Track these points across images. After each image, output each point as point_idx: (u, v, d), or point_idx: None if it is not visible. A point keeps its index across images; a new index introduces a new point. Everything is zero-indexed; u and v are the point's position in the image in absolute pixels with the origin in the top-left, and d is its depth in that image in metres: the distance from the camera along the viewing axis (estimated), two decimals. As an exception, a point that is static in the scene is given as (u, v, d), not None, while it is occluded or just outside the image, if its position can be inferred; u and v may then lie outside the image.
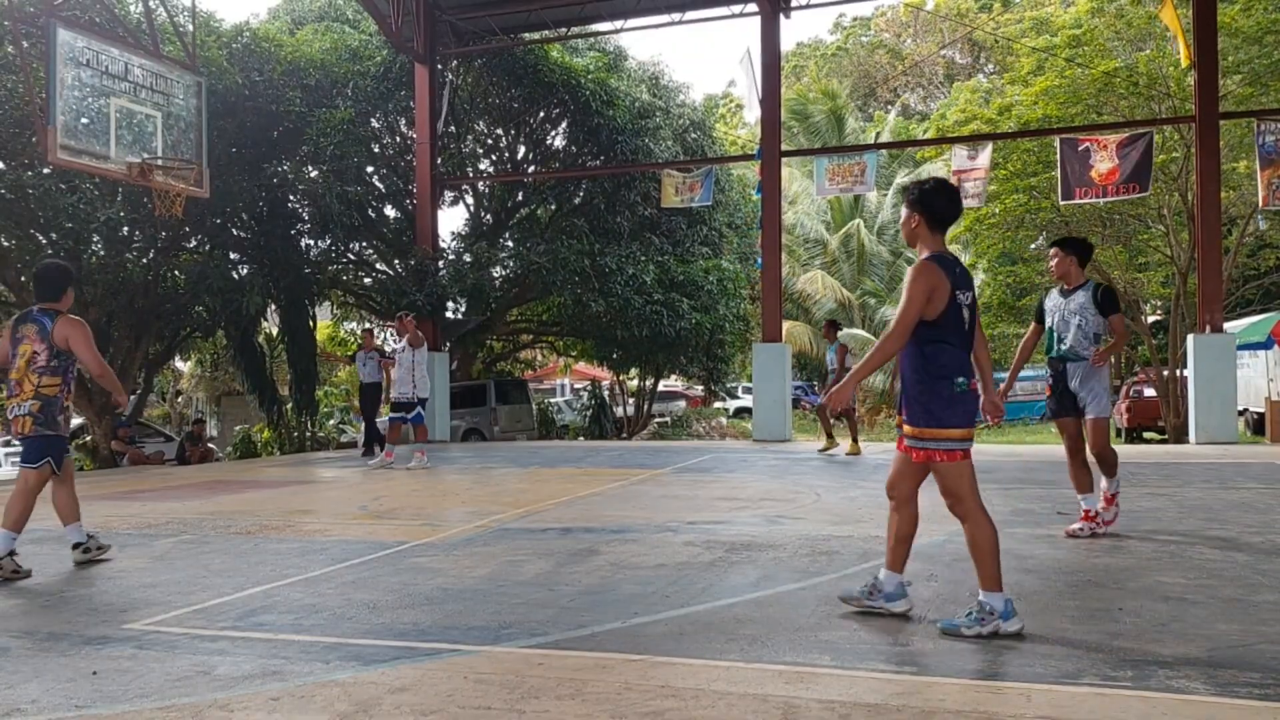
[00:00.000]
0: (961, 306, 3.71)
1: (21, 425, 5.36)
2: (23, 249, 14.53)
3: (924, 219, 3.78)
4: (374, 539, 6.16)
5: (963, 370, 3.71)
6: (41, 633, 4.01)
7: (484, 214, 22.55)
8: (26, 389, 5.35)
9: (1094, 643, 3.56)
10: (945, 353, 3.68)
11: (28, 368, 5.36)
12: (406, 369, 11.28)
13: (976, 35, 40.67)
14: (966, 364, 3.75)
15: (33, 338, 5.39)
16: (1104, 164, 13.41)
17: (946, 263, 3.71)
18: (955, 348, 3.71)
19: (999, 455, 12.06)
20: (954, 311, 3.67)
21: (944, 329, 3.67)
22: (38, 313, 5.46)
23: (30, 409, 5.34)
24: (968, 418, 3.72)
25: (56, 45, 10.38)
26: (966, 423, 3.71)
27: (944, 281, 3.64)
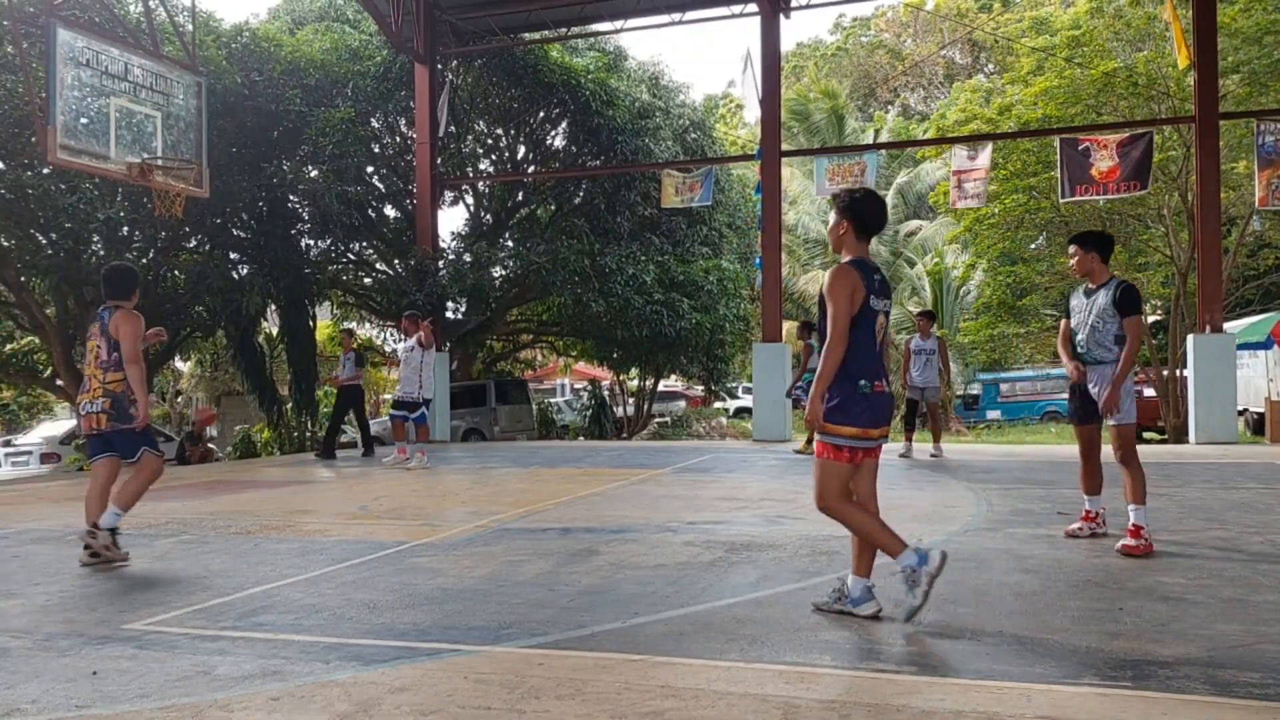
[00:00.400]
0: (876, 312, 3.85)
1: (96, 421, 5.50)
2: (22, 249, 14.54)
3: (852, 226, 3.90)
4: (374, 539, 6.16)
5: (868, 372, 3.83)
6: (41, 632, 4.01)
7: (484, 214, 22.56)
8: (94, 386, 5.52)
9: (1094, 643, 3.56)
10: (853, 353, 3.79)
11: (95, 364, 5.55)
12: (414, 369, 11.34)
13: (976, 35, 40.67)
14: (873, 366, 3.86)
15: (96, 334, 5.59)
16: (1104, 163, 13.42)
17: (865, 268, 3.84)
18: (864, 349, 3.82)
19: (999, 455, 12.07)
20: (867, 315, 3.81)
21: (855, 330, 3.79)
22: (103, 310, 5.65)
23: (102, 406, 5.48)
24: (866, 419, 3.82)
25: (56, 45, 10.38)
26: (864, 424, 3.82)
27: (860, 285, 3.77)
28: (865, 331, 3.81)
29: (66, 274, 14.74)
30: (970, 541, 5.68)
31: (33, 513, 7.94)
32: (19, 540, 6.50)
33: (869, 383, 3.81)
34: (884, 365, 3.97)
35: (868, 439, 3.86)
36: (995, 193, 18.20)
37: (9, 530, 6.95)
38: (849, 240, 3.92)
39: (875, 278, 3.87)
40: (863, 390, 3.80)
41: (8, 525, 7.20)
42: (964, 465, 10.47)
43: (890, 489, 8.36)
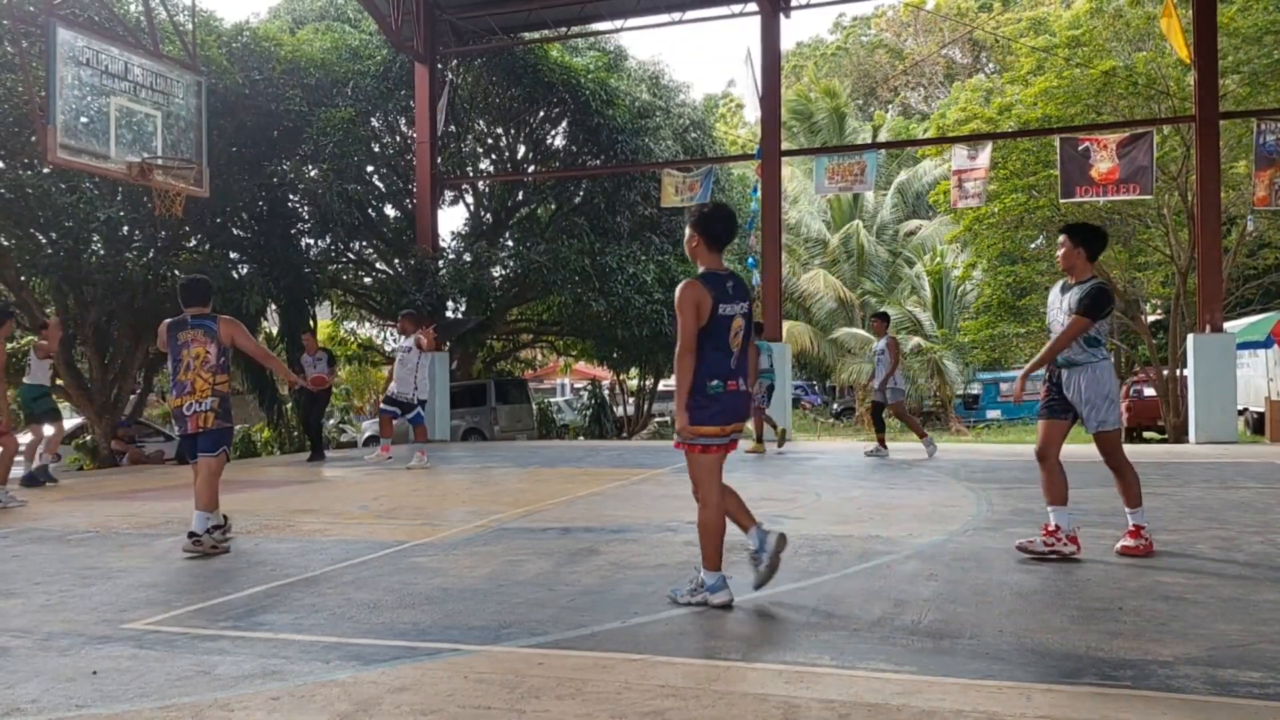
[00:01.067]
0: (727, 317, 4.09)
1: (204, 420, 5.92)
2: (22, 248, 14.53)
3: (702, 240, 4.19)
4: (374, 539, 6.16)
5: (719, 374, 4.09)
6: (41, 632, 4.01)
7: (484, 213, 22.56)
8: (201, 387, 5.92)
9: (1094, 642, 3.57)
10: (706, 356, 4.06)
11: (201, 368, 5.94)
12: (410, 370, 11.31)
13: (977, 35, 40.67)
14: (725, 368, 4.11)
15: (201, 340, 5.97)
16: (1104, 163, 13.42)
17: (713, 279, 4.11)
18: (715, 353, 4.08)
19: (999, 455, 12.06)
20: (716, 321, 4.06)
21: (707, 335, 4.05)
22: (194, 319, 6.03)
23: (211, 405, 5.93)
24: (720, 417, 4.10)
25: (56, 44, 10.38)
26: (719, 422, 4.10)
27: (706, 295, 4.03)
28: (718, 337, 4.08)
29: (66, 274, 14.73)
30: (970, 541, 5.68)
31: (33, 512, 7.94)
32: (19, 540, 6.50)
33: (721, 383, 4.09)
34: (744, 365, 4.21)
35: (724, 435, 4.16)
36: (995, 192, 18.20)
37: (9, 529, 6.95)
38: (701, 252, 4.20)
39: (727, 285, 4.12)
40: (715, 390, 4.08)
41: (8, 525, 7.20)
42: (964, 465, 10.47)
43: (890, 489, 8.37)
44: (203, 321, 6.03)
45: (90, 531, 6.79)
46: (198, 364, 5.96)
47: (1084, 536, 5.75)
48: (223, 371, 6.02)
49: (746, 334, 4.20)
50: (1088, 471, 9.58)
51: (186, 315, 6.08)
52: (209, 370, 5.95)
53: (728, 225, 4.22)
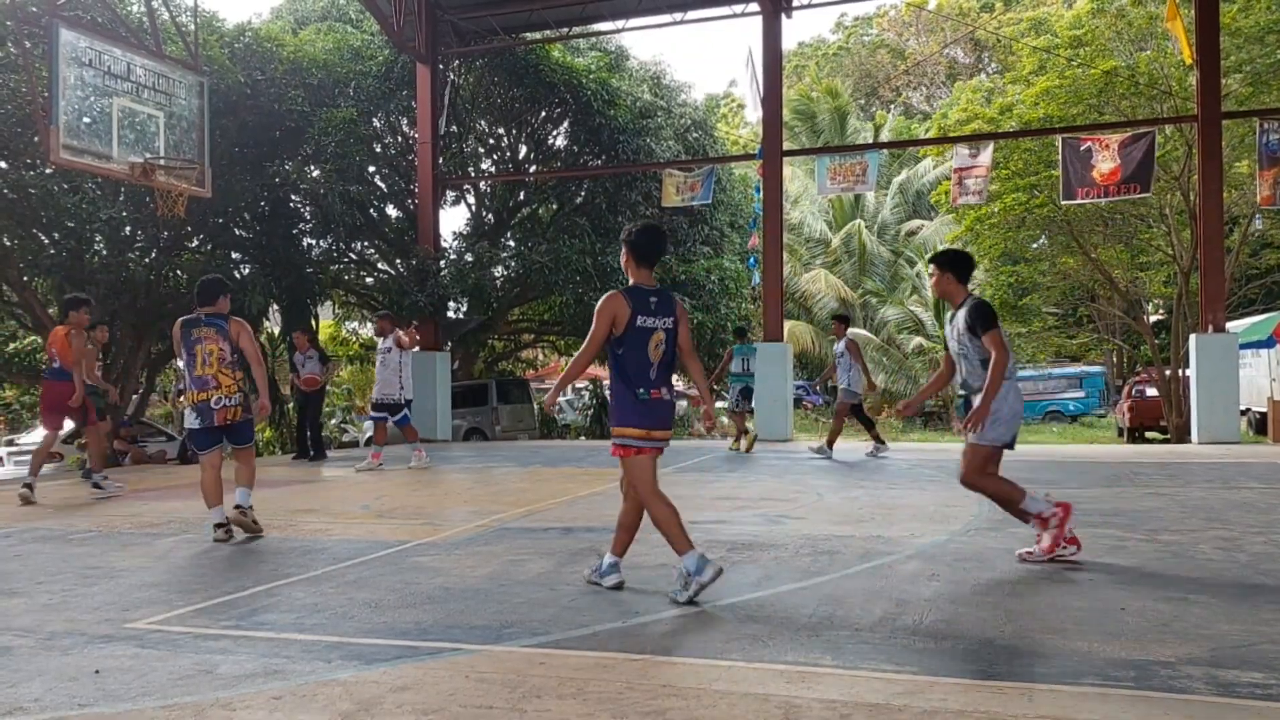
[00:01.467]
0: (647, 329, 4.34)
1: (233, 414, 6.28)
2: (25, 249, 14.56)
3: (631, 256, 4.46)
4: (375, 538, 6.17)
5: (643, 383, 4.35)
6: (44, 631, 4.01)
7: (485, 214, 22.57)
8: (227, 383, 6.26)
9: (1096, 642, 3.56)
10: (628, 364, 4.33)
11: (220, 365, 6.25)
12: (393, 370, 11.08)
13: (978, 35, 40.66)
14: (647, 377, 4.36)
15: (214, 338, 6.27)
16: (1106, 163, 13.42)
17: (634, 293, 4.37)
18: (639, 362, 4.34)
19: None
20: (635, 333, 4.31)
21: (626, 345, 4.32)
22: (207, 317, 6.32)
23: (239, 400, 6.30)
24: (647, 421, 4.35)
25: (59, 45, 10.39)
26: (646, 425, 4.34)
27: (624, 307, 4.29)
28: (638, 348, 4.35)
29: (69, 274, 14.76)
30: (972, 541, 5.68)
31: (35, 512, 7.95)
32: (22, 539, 6.51)
33: (646, 391, 4.35)
34: (665, 376, 4.44)
35: (651, 439, 4.39)
36: (996, 192, 18.19)
37: (12, 529, 6.96)
38: (631, 266, 4.48)
39: (650, 300, 4.38)
40: (641, 398, 4.34)
41: (10, 524, 7.21)
42: (966, 465, 10.46)
43: (892, 489, 8.38)
44: (215, 320, 6.32)
45: (93, 531, 6.80)
46: (215, 360, 6.25)
47: (1085, 536, 5.75)
48: (239, 368, 6.34)
49: (670, 346, 4.43)
50: (1088, 472, 9.60)
51: (200, 313, 6.34)
52: (228, 366, 6.28)
53: (655, 244, 4.49)
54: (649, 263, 4.47)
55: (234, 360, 6.31)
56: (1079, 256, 20.07)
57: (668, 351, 4.43)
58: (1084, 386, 30.29)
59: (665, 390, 4.41)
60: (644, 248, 4.46)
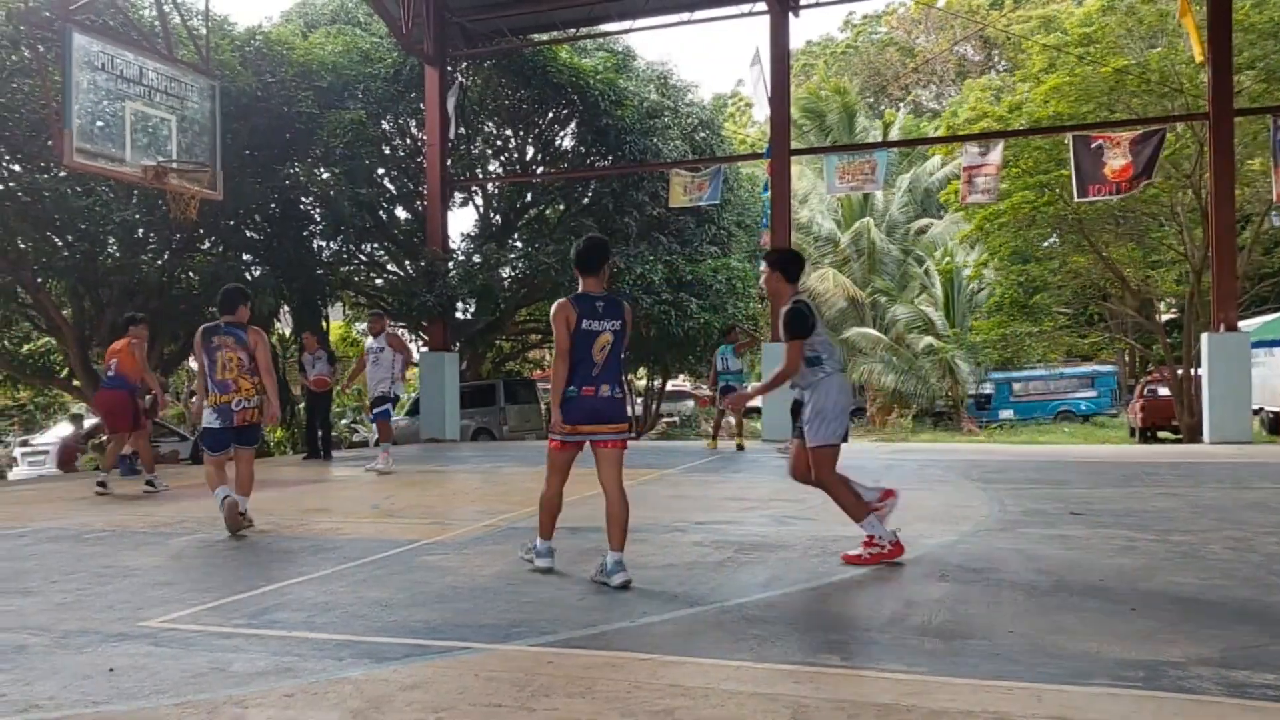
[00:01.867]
0: (592, 332, 4.74)
1: (250, 416, 6.67)
2: (39, 251, 14.65)
3: (576, 267, 4.92)
4: (385, 537, 6.19)
5: (578, 381, 4.76)
6: (58, 630, 4.04)
7: (493, 215, 22.62)
8: (246, 388, 6.64)
9: (1106, 643, 3.56)
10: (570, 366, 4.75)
11: (239, 371, 6.63)
12: (386, 367, 10.95)
13: (988, 33, 40.53)
14: (585, 375, 4.76)
15: (232, 346, 6.64)
16: (1117, 160, 13.37)
17: (581, 299, 4.78)
18: (579, 362, 4.74)
19: (1011, 455, 12.04)
20: (580, 335, 4.72)
21: (573, 346, 4.73)
22: (227, 326, 6.72)
23: (257, 403, 6.69)
24: (573, 417, 4.79)
25: (72, 49, 10.45)
26: (572, 421, 4.79)
27: (571, 313, 4.70)
28: (583, 349, 4.74)
29: (82, 276, 14.85)
30: (982, 542, 5.68)
31: (49, 512, 8.01)
32: (36, 539, 6.56)
33: (577, 389, 4.76)
34: (610, 373, 4.82)
35: (577, 434, 4.83)
36: (1006, 190, 18.14)
37: (26, 529, 7.01)
38: (579, 276, 4.90)
39: (597, 304, 4.78)
40: (569, 395, 4.76)
41: (25, 524, 7.26)
42: (976, 465, 10.45)
43: (902, 488, 8.34)
44: (234, 330, 6.71)
45: (107, 530, 6.85)
46: (234, 366, 6.62)
47: (1096, 537, 5.75)
48: (255, 374, 6.71)
49: (616, 347, 4.83)
50: (1100, 473, 9.57)
51: (221, 321, 6.76)
52: (247, 372, 6.66)
53: (593, 254, 4.88)
54: (592, 271, 4.86)
55: (251, 367, 6.68)
56: (1090, 255, 20.00)
57: (613, 352, 4.82)
58: (1095, 386, 30.18)
59: (607, 388, 4.82)
60: (584, 259, 4.86)
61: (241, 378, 6.63)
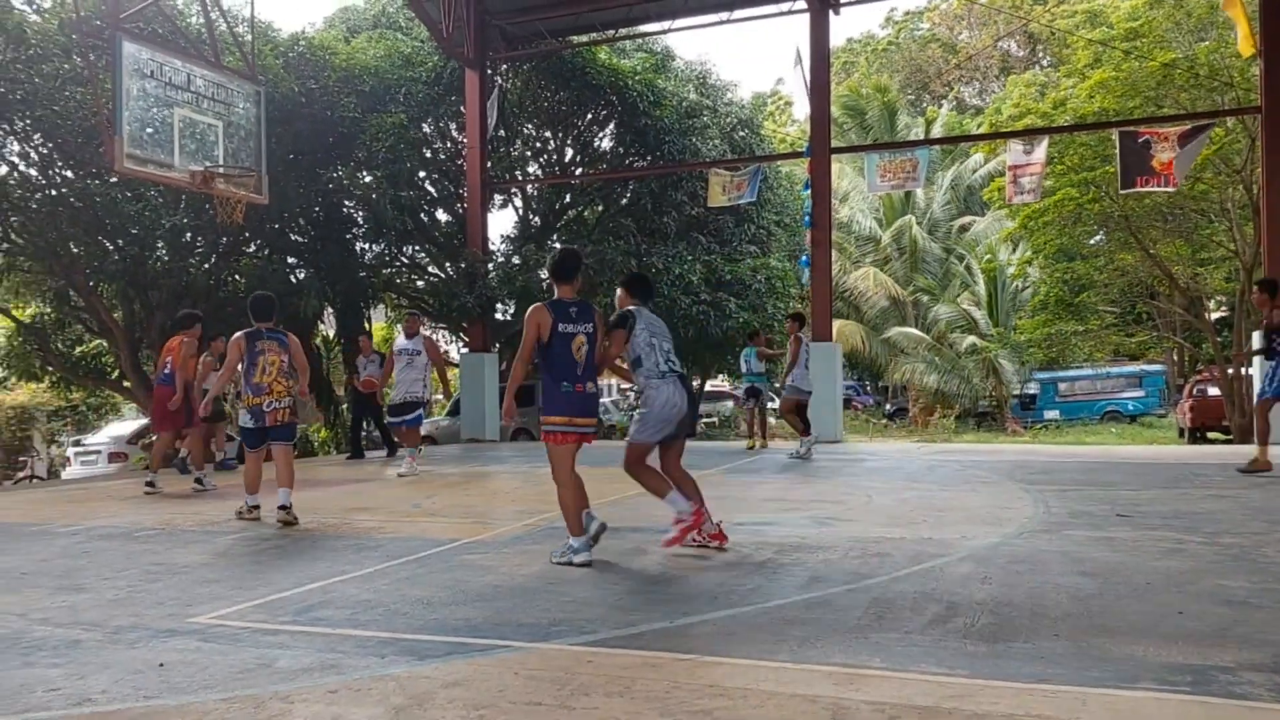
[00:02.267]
0: (568, 334, 5.23)
1: (282, 415, 7.14)
2: (91, 255, 14.98)
3: (551, 277, 5.44)
4: (427, 536, 6.26)
5: (568, 377, 5.22)
6: (110, 625, 4.14)
7: (532, 216, 22.73)
8: (279, 390, 7.11)
9: (1152, 647, 3.50)
10: (555, 363, 5.21)
11: (278, 374, 7.11)
12: (420, 370, 10.89)
13: (1032, 28, 39.96)
14: (572, 372, 5.23)
15: (275, 350, 7.14)
16: (1165, 154, 13.11)
17: (556, 305, 5.27)
18: (563, 361, 5.22)
19: (1057, 456, 11.86)
20: (557, 338, 5.21)
21: (553, 348, 5.21)
22: (268, 331, 7.20)
23: (288, 404, 7.17)
24: (569, 410, 5.23)
25: (122, 57, 10.67)
26: (568, 413, 5.22)
27: (546, 317, 5.19)
28: (563, 350, 5.22)
29: (133, 279, 15.16)
30: (1026, 544, 5.60)
31: (101, 510, 8.19)
32: (89, 536, 6.72)
33: (570, 385, 5.22)
34: (591, 371, 5.31)
35: (574, 425, 5.26)
36: (1051, 188, 17.87)
37: (79, 527, 7.18)
38: (553, 284, 5.40)
39: (570, 310, 5.28)
40: (565, 390, 5.21)
41: (78, 522, 7.44)
42: (1020, 466, 10.32)
43: (943, 490, 8.28)
44: (275, 334, 7.22)
45: (156, 529, 6.99)
46: (274, 369, 7.09)
47: (1143, 539, 5.66)
48: (292, 377, 7.20)
49: (590, 349, 5.30)
50: (1147, 473, 9.40)
51: (261, 327, 7.18)
52: (284, 375, 7.13)
53: (568, 264, 5.42)
54: (567, 279, 5.36)
55: (289, 370, 7.18)
56: (1137, 252, 19.65)
57: (589, 353, 5.30)
58: (1143, 385, 29.63)
59: (589, 384, 5.31)
60: (559, 268, 5.40)
61: (277, 380, 7.09)
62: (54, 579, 5.19)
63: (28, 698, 3.21)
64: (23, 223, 14.87)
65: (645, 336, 5.48)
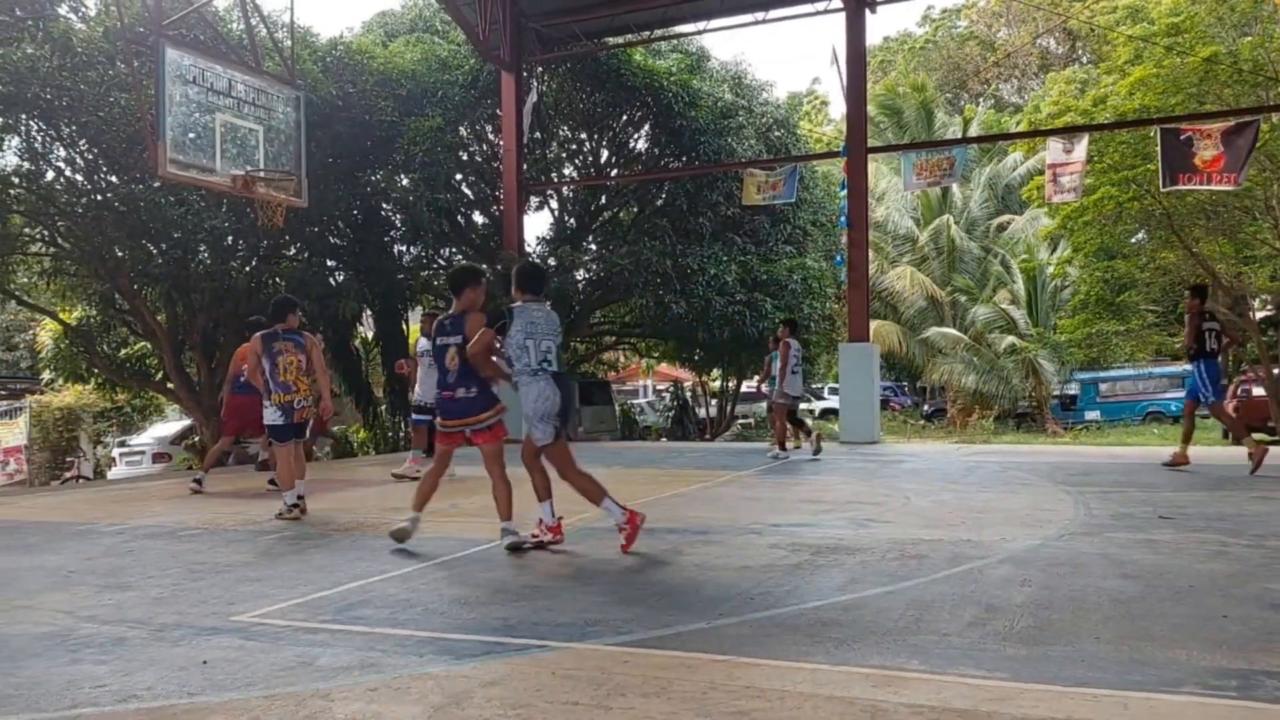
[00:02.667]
0: (442, 348, 5.82)
1: (305, 414, 7.58)
2: (135, 259, 15.25)
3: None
4: (465, 536, 6.31)
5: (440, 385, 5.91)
6: (155, 623, 4.22)
7: (567, 218, 22.80)
8: (304, 389, 7.51)
9: (1196, 651, 3.45)
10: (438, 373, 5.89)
11: (299, 373, 7.48)
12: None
13: (1071, 24, 39.42)
14: (444, 380, 5.83)
15: (293, 351, 7.48)
16: (1208, 151, 12.88)
17: (439, 322, 5.93)
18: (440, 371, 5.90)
19: (1098, 457, 11.69)
20: (437, 350, 5.89)
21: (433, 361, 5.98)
22: (284, 332, 7.49)
23: (312, 403, 7.62)
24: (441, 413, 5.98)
25: (165, 64, 10.86)
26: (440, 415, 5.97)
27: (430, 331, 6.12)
28: (438, 361, 5.90)
29: (176, 282, 15.42)
30: (1066, 546, 5.53)
31: (146, 509, 8.34)
32: (134, 535, 6.84)
33: (441, 391, 5.93)
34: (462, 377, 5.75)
35: (444, 426, 5.95)
36: (1090, 186, 17.62)
37: (124, 526, 7.32)
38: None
39: (445, 324, 5.86)
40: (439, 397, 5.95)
41: (123, 521, 7.58)
42: (1060, 467, 10.19)
43: (982, 492, 8.20)
44: (292, 335, 7.51)
45: (200, 528, 7.11)
46: (294, 369, 7.42)
47: (1186, 541, 5.56)
48: (309, 376, 7.56)
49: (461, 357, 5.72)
50: (1191, 475, 9.24)
51: (277, 329, 7.46)
52: (304, 374, 7.47)
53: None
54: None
55: (307, 370, 7.54)
56: (1180, 251, 19.30)
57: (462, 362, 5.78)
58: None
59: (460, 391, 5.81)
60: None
61: (300, 379, 7.46)
62: (100, 577, 5.30)
63: (75, 693, 3.29)
64: (69, 227, 15.19)
65: (520, 338, 5.76)
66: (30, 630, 4.14)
